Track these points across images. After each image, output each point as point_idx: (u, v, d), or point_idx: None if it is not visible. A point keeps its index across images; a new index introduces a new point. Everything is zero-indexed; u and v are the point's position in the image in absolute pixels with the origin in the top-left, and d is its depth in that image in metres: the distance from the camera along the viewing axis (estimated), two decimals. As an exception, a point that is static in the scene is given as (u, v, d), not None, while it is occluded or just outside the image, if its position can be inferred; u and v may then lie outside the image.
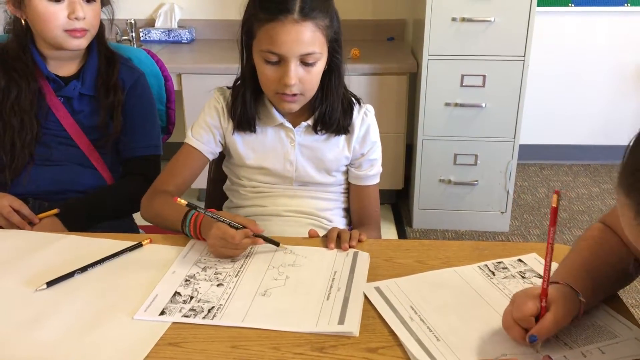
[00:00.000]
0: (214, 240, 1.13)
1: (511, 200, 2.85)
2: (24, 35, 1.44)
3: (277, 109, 1.36)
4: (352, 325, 0.96)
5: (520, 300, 0.90)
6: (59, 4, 1.39)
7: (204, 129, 1.38)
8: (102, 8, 1.48)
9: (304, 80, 1.25)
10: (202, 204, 1.71)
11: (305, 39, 1.21)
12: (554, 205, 0.86)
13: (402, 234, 2.90)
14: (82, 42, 1.43)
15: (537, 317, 0.89)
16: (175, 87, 1.74)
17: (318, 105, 1.34)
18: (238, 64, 1.37)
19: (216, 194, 1.60)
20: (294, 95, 1.27)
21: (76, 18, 1.39)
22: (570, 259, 1.01)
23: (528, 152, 3.56)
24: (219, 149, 1.41)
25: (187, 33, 3.22)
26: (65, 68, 1.50)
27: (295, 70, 1.23)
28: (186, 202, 1.14)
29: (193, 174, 1.40)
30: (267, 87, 1.29)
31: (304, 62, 1.24)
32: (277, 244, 1.17)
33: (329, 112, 1.34)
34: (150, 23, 3.32)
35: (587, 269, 0.97)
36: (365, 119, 1.40)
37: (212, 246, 1.14)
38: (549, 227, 0.88)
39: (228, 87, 1.41)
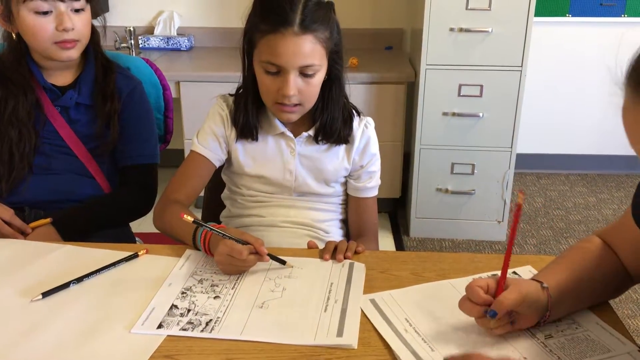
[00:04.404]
0: (220, 257, 1.12)
1: (508, 210, 2.85)
2: (18, 47, 1.44)
3: (277, 118, 1.36)
4: (351, 337, 0.96)
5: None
6: (46, 16, 1.37)
7: (210, 135, 1.38)
8: (95, 18, 1.48)
9: (303, 91, 1.26)
10: (199, 212, 1.72)
11: (304, 51, 1.22)
12: (520, 202, 0.89)
13: (399, 243, 2.90)
14: (72, 53, 1.43)
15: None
16: (174, 95, 1.75)
17: (319, 116, 1.35)
18: (236, 72, 1.38)
19: (213, 203, 1.61)
20: (294, 105, 1.28)
21: (64, 30, 1.38)
22: (551, 265, 1.03)
23: (525, 162, 3.57)
24: (225, 156, 1.41)
25: (186, 41, 3.23)
26: (61, 77, 1.49)
27: (294, 82, 1.24)
28: (192, 220, 1.14)
29: (202, 182, 1.41)
30: (266, 97, 1.30)
31: (303, 73, 1.25)
32: (283, 262, 1.16)
33: (330, 122, 1.35)
34: (150, 30, 3.33)
35: (568, 276, 0.98)
36: (365, 131, 1.40)
37: (220, 262, 1.13)
38: (513, 223, 0.93)
39: (230, 95, 1.42)
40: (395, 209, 3.19)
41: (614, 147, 3.58)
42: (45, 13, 1.37)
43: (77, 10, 1.41)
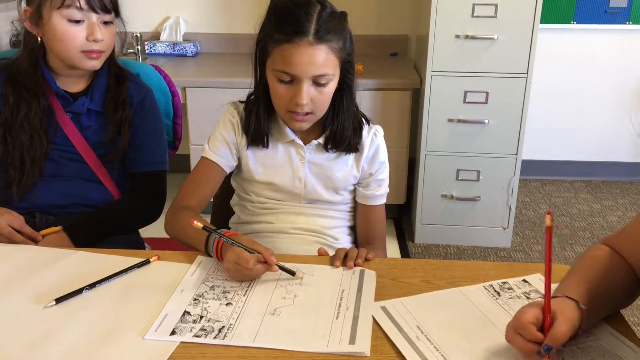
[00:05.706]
0: (228, 264, 1.13)
1: (513, 216, 2.86)
2: (37, 52, 1.45)
3: (288, 126, 1.37)
4: (363, 345, 0.96)
5: (520, 310, 0.92)
6: (78, 25, 1.39)
7: (220, 142, 1.39)
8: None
9: (316, 100, 1.27)
10: (208, 218, 1.73)
11: (318, 61, 1.23)
12: (548, 225, 0.87)
13: (404, 249, 2.91)
14: (97, 63, 1.44)
15: (543, 332, 0.89)
16: (180, 100, 1.76)
17: (329, 124, 1.36)
18: (243, 78, 1.39)
19: (222, 209, 1.61)
20: (305, 114, 1.28)
21: (94, 40, 1.40)
22: (572, 277, 1.02)
23: (530, 168, 3.57)
24: (235, 162, 1.42)
25: (192, 46, 3.25)
26: (74, 84, 1.50)
27: (307, 91, 1.25)
28: (202, 226, 1.15)
29: (213, 188, 1.42)
30: (278, 105, 1.31)
31: (316, 82, 1.25)
32: (292, 273, 1.16)
33: (340, 130, 1.35)
34: (156, 36, 3.34)
35: (589, 288, 0.98)
36: (374, 139, 1.41)
37: (228, 269, 1.14)
38: (546, 247, 0.89)
39: (241, 102, 1.42)
40: (400, 214, 3.19)
41: (618, 154, 3.59)
42: (77, 22, 1.39)
43: (106, 23, 1.43)
